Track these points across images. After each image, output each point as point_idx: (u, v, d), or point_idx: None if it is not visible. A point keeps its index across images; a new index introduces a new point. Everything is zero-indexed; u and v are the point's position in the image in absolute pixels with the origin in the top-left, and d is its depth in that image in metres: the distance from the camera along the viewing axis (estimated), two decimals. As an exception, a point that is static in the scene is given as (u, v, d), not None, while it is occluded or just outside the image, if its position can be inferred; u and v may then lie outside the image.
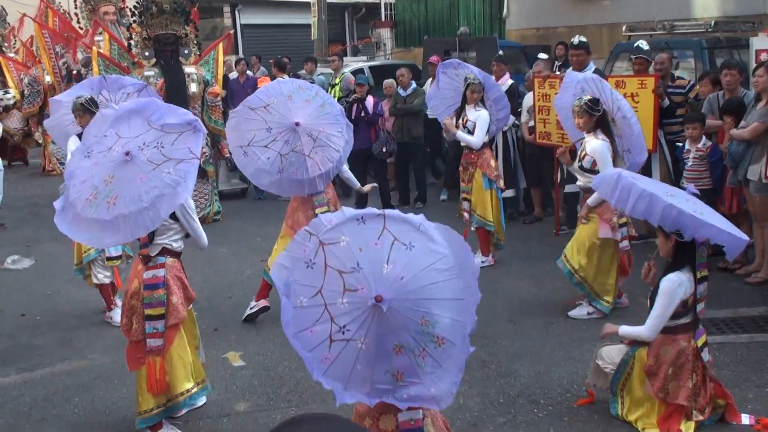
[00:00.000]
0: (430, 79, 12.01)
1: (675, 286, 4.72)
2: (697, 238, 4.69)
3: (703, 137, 7.88)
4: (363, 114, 10.89)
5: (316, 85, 7.20)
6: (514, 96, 10.36)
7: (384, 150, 11.20)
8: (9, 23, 17.50)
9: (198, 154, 4.50)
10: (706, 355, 4.91)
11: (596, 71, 9.32)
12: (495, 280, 7.89)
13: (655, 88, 8.20)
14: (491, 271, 8.17)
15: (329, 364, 3.40)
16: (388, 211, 3.48)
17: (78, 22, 15.53)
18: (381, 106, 11.30)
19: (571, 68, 9.38)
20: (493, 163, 8.36)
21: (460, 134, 8.29)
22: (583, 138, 6.81)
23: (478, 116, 8.20)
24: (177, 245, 5.04)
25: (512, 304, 7.27)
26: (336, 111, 6.79)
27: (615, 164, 6.56)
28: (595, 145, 6.60)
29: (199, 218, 10.55)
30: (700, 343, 4.89)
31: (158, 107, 4.77)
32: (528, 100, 10.06)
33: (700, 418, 4.84)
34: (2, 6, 17.51)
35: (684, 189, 5.12)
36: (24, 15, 15.11)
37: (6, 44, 16.77)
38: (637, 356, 4.97)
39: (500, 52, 10.89)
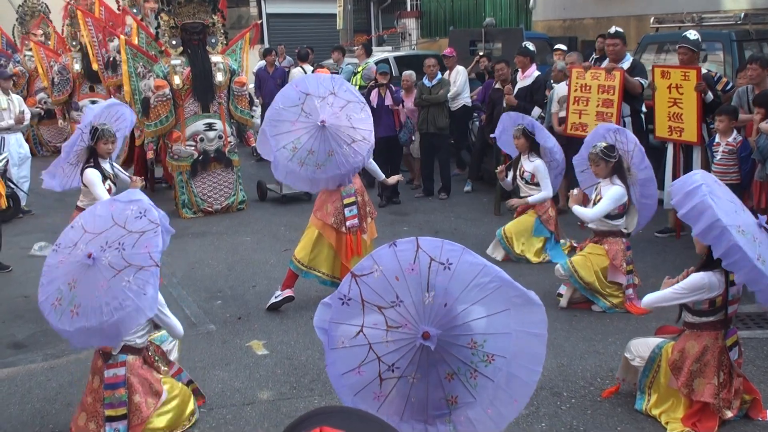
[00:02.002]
0: (447, 71, 11.98)
1: (700, 285, 4.67)
2: (741, 282, 4.60)
3: (734, 131, 7.80)
4: (385, 102, 10.90)
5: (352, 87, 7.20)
6: (541, 88, 10.33)
7: (413, 138, 11.27)
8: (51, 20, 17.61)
9: (158, 259, 4.43)
10: (734, 354, 4.88)
11: (634, 60, 9.27)
12: (517, 273, 7.84)
13: (696, 84, 8.12)
14: (514, 265, 8.15)
15: (382, 400, 3.35)
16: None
17: (119, 9, 15.57)
18: (399, 91, 11.26)
19: (607, 60, 9.34)
20: (551, 211, 8.38)
21: (534, 198, 8.32)
22: (598, 183, 6.90)
23: (534, 167, 8.30)
24: (140, 341, 4.88)
25: (536, 296, 7.23)
26: (365, 111, 6.86)
27: (629, 210, 6.83)
28: (612, 189, 6.72)
29: (224, 207, 10.77)
30: (729, 342, 4.86)
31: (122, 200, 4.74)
32: (559, 90, 10.00)
33: (730, 414, 4.81)
34: (46, 3, 17.59)
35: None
36: (68, 3, 15.20)
37: (49, 42, 16.90)
38: (664, 352, 4.95)
39: (526, 44, 10.81)
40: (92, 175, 6.70)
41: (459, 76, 12.02)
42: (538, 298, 3.49)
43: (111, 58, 12.82)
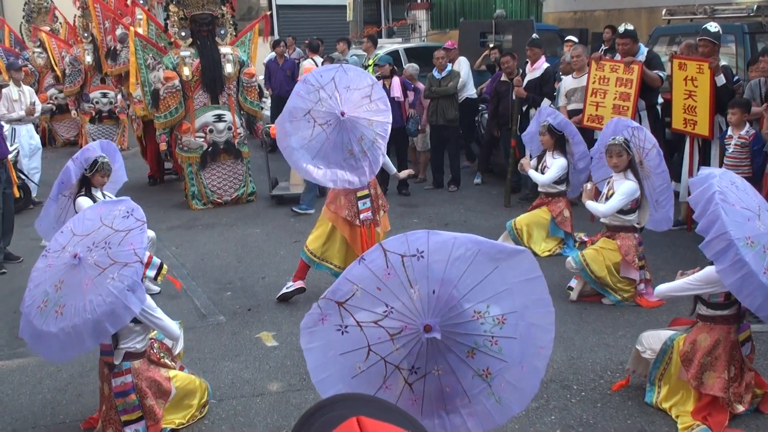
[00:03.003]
0: (450, 64, 11.94)
1: (715, 278, 4.61)
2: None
3: (747, 124, 7.75)
4: (392, 95, 10.85)
5: (377, 82, 7.07)
6: (550, 80, 10.30)
7: (419, 127, 11.24)
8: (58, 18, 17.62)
9: (143, 256, 4.42)
10: (746, 350, 4.86)
11: (649, 52, 9.22)
12: (528, 265, 7.84)
13: (710, 60, 8.10)
14: (525, 256, 8.13)
15: (420, 402, 3.34)
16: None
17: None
18: (410, 85, 11.24)
19: (617, 55, 9.31)
20: (566, 213, 8.32)
21: (531, 172, 8.43)
22: (611, 177, 6.86)
23: (554, 162, 8.27)
24: (140, 346, 4.85)
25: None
26: (389, 112, 6.79)
27: (641, 205, 6.79)
28: (624, 184, 6.67)
29: (234, 199, 10.75)
30: (742, 337, 4.84)
31: (114, 202, 4.74)
32: (566, 83, 9.97)
33: (741, 409, 4.80)
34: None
35: None
36: None
37: (53, 31, 16.93)
38: (676, 344, 4.94)
39: (535, 35, 10.78)
40: (85, 203, 6.50)
41: (462, 69, 11.99)
42: (519, 246, 3.49)
43: (112, 48, 12.78)
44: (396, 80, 11.02)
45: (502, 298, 3.33)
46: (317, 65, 13.28)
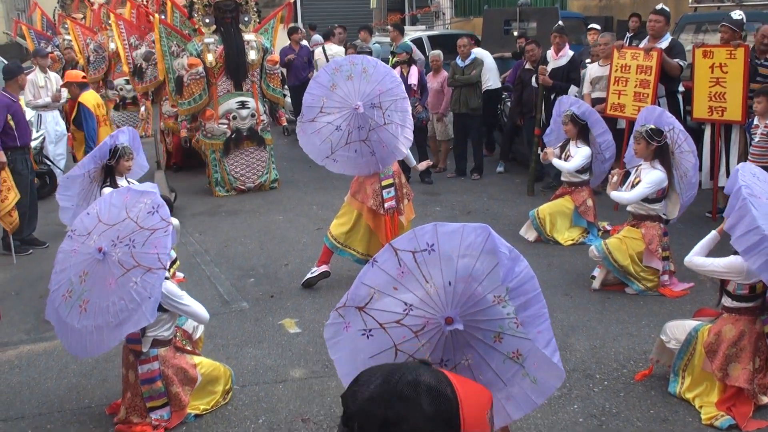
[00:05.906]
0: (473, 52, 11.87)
1: (739, 268, 4.61)
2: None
3: (773, 114, 7.67)
4: (408, 82, 10.80)
5: (347, 57, 7.04)
6: (576, 67, 10.23)
7: (424, 114, 11.18)
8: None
9: (166, 263, 4.42)
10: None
11: (673, 40, 9.16)
12: (551, 254, 7.83)
13: (736, 45, 8.12)
14: (546, 246, 8.11)
15: None
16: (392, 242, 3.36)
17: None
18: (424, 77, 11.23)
19: (648, 37, 9.26)
20: (590, 202, 8.25)
21: (555, 160, 8.31)
22: (639, 165, 6.79)
23: (578, 152, 8.17)
24: (168, 334, 4.87)
25: (568, 277, 7.20)
26: (378, 65, 6.78)
27: (669, 195, 6.73)
28: (651, 173, 6.59)
29: (257, 186, 10.77)
30: (767, 329, 4.81)
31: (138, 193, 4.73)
32: (591, 70, 9.90)
33: (766, 400, 4.77)
34: None
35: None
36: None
37: (84, 19, 17.00)
38: (700, 335, 4.91)
39: (560, 23, 10.71)
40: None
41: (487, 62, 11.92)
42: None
43: (138, 65, 12.79)
44: (414, 69, 11.00)
45: (521, 279, 3.28)
46: (326, 55, 13.38)
